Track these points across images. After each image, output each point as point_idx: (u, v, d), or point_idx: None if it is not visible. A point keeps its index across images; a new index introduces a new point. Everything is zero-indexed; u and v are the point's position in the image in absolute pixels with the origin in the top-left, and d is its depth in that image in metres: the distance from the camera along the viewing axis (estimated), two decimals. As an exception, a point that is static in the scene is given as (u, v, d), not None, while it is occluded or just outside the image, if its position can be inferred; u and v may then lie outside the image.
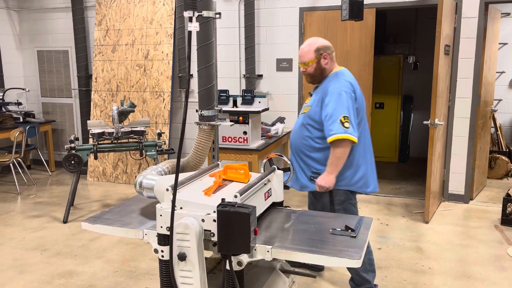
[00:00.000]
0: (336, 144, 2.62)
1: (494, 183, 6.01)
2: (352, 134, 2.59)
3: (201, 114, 2.61)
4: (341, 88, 2.67)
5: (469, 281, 3.35)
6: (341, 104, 2.63)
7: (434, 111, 4.36)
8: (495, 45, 5.58)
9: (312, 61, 2.78)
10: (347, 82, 2.72)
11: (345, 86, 2.69)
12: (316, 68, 2.80)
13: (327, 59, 2.80)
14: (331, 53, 2.83)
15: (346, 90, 2.67)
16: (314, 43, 2.80)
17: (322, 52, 2.78)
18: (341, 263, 1.74)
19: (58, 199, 5.46)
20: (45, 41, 6.87)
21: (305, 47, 2.82)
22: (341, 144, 2.60)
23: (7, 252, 3.94)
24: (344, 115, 2.60)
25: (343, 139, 2.59)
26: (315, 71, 2.81)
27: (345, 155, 2.65)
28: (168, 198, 1.85)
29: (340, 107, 2.62)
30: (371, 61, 5.32)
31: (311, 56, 2.77)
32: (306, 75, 2.88)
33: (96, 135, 4.65)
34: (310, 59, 2.78)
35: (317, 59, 2.78)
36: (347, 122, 2.59)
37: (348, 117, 2.61)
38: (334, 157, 2.64)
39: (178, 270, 1.82)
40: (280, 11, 5.63)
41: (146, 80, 6.06)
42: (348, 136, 2.58)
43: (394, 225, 4.51)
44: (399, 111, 7.26)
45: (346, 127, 2.58)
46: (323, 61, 2.79)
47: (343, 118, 2.60)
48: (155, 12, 6.01)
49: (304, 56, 2.80)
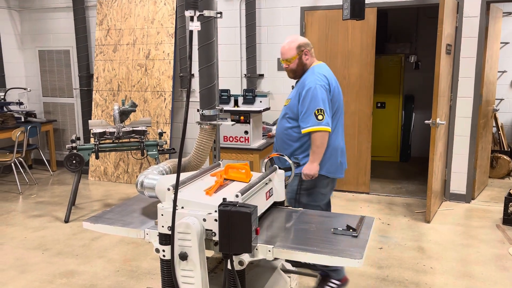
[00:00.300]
0: (314, 135, 2.83)
1: (496, 182, 6.00)
2: (325, 125, 2.81)
3: (202, 113, 2.61)
4: (316, 82, 2.87)
5: (470, 280, 3.34)
6: (315, 98, 2.83)
7: (435, 111, 4.36)
8: (496, 44, 5.57)
9: (294, 57, 2.97)
10: (321, 75, 2.91)
11: (319, 79, 2.88)
12: (298, 64, 2.99)
13: (308, 55, 3.00)
14: (311, 49, 3.03)
15: (321, 84, 2.86)
16: (295, 41, 3.00)
17: (303, 48, 2.98)
18: (343, 262, 1.74)
19: (60, 199, 5.46)
20: (47, 40, 6.88)
21: (286, 44, 3.01)
22: (318, 134, 2.82)
23: (8, 252, 3.95)
24: (318, 108, 2.81)
25: (318, 130, 2.81)
26: (297, 67, 3.00)
27: (324, 144, 2.85)
28: (170, 198, 1.85)
29: (314, 100, 2.82)
30: (373, 60, 5.32)
31: (293, 53, 2.97)
32: (288, 71, 3.06)
33: (98, 135, 4.65)
34: (292, 56, 2.97)
35: (298, 55, 2.97)
36: (321, 115, 2.81)
37: (323, 109, 2.82)
38: (314, 146, 2.86)
39: (180, 269, 1.82)
40: (281, 11, 5.63)
41: (147, 80, 6.06)
42: (320, 127, 2.80)
43: (396, 224, 4.51)
44: (400, 111, 7.25)
45: (320, 120, 2.80)
46: (304, 57, 2.99)
47: (317, 111, 2.81)
48: (156, 11, 6.01)
49: (287, 53, 2.99)
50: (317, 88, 2.84)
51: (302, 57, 2.97)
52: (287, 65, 3.01)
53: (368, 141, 5.48)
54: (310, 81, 2.88)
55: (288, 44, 2.99)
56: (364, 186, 5.58)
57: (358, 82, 5.39)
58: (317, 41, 5.49)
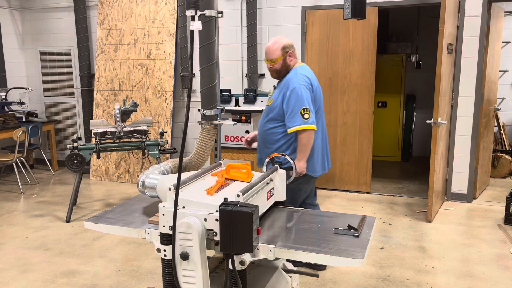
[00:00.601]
0: (300, 134, 2.91)
1: (497, 182, 6.00)
2: (311, 124, 2.90)
3: (203, 113, 2.61)
4: (300, 83, 2.94)
5: (472, 280, 3.33)
6: (300, 98, 2.90)
7: (437, 110, 4.35)
8: (498, 44, 5.56)
9: (279, 58, 3.02)
10: (304, 76, 2.99)
11: (303, 80, 2.96)
12: (282, 65, 3.05)
13: (292, 57, 3.07)
14: (294, 50, 3.10)
15: (304, 84, 2.95)
16: (280, 42, 3.05)
17: (288, 50, 3.04)
18: (344, 262, 1.73)
19: (61, 199, 5.47)
20: (48, 40, 6.88)
21: (272, 45, 3.05)
22: (304, 132, 2.90)
23: (10, 252, 3.95)
24: (304, 107, 2.89)
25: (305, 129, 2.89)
26: (281, 68, 3.06)
27: (311, 142, 2.94)
28: (171, 198, 1.85)
29: (299, 100, 2.90)
30: (374, 60, 5.31)
31: (278, 53, 3.02)
32: (272, 71, 3.10)
33: (99, 135, 4.66)
34: (277, 57, 3.02)
35: (283, 56, 3.03)
36: (307, 114, 2.90)
37: (308, 109, 2.90)
38: (301, 145, 2.93)
39: (181, 269, 1.82)
40: (283, 10, 5.62)
41: (149, 80, 6.06)
42: (307, 126, 2.89)
43: (397, 224, 4.50)
44: (401, 110, 7.25)
45: (306, 118, 2.89)
46: (288, 59, 3.05)
47: (303, 110, 2.90)
48: (157, 11, 6.01)
49: (272, 54, 3.03)
50: (301, 88, 2.92)
51: (286, 58, 3.04)
52: (271, 66, 3.06)
53: (369, 140, 5.48)
54: (294, 81, 2.96)
55: (273, 45, 3.04)
56: (365, 185, 5.58)
57: (359, 81, 5.39)
58: (318, 41, 5.49)
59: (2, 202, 5.36)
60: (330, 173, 5.69)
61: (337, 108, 5.53)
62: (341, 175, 5.65)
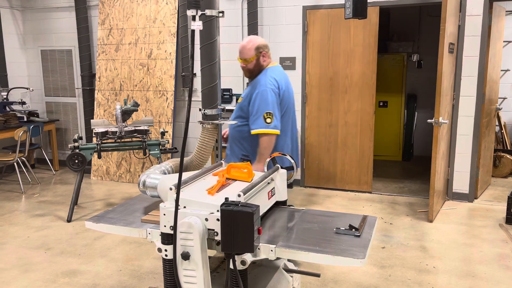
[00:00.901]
0: (261, 137, 2.89)
1: (499, 181, 5.99)
2: (273, 128, 2.88)
3: (204, 113, 2.61)
4: (267, 85, 2.93)
5: (473, 280, 3.33)
6: (265, 101, 2.89)
7: (438, 110, 4.34)
8: (499, 43, 5.55)
9: (253, 58, 3.00)
10: (272, 79, 2.96)
11: (270, 83, 2.94)
12: (255, 65, 3.03)
13: (265, 57, 3.05)
14: (268, 51, 3.07)
15: (271, 87, 2.92)
16: (255, 41, 3.02)
17: (262, 50, 3.02)
18: (345, 262, 1.73)
19: (62, 198, 5.47)
20: (49, 40, 6.89)
21: (246, 44, 3.02)
22: (265, 136, 2.88)
23: (11, 251, 3.96)
24: (267, 111, 2.87)
25: (265, 133, 2.88)
26: (254, 67, 3.03)
27: (271, 146, 2.91)
28: (172, 197, 1.85)
29: (264, 103, 2.89)
30: (375, 59, 5.31)
31: (252, 53, 3.00)
32: (245, 71, 3.10)
33: (100, 134, 4.66)
34: (251, 56, 3.00)
35: (257, 56, 3.01)
36: (269, 118, 2.88)
37: (272, 113, 2.89)
38: (261, 148, 2.90)
39: (182, 269, 1.82)
40: (284, 10, 5.62)
41: (150, 79, 6.06)
42: (268, 130, 2.87)
43: (398, 224, 4.50)
44: (403, 110, 7.24)
45: (268, 123, 2.87)
46: (262, 59, 3.03)
47: (266, 114, 2.87)
48: (158, 11, 6.01)
49: (246, 53, 3.02)
50: (267, 92, 2.90)
51: (259, 58, 3.01)
52: (245, 65, 3.05)
53: (371, 140, 5.47)
54: (261, 84, 2.95)
55: (247, 44, 3.03)
56: (366, 185, 5.57)
57: (360, 81, 5.38)
58: (319, 40, 5.49)
59: (4, 202, 5.37)
60: (331, 173, 5.69)
61: (338, 108, 5.53)
62: (342, 175, 5.65)
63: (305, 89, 5.64)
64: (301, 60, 5.61)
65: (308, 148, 5.74)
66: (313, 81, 5.59)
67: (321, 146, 5.69)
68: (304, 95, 5.65)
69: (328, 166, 5.70)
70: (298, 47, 5.59)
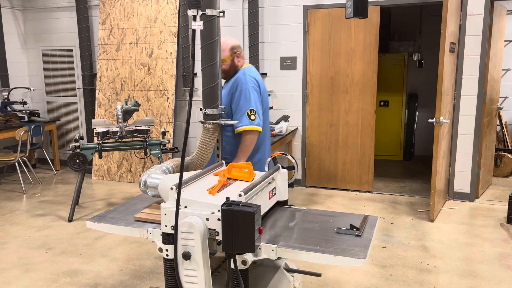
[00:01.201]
0: (245, 134, 2.90)
1: (500, 181, 5.98)
2: (257, 125, 2.92)
3: (205, 112, 2.61)
4: (248, 84, 2.94)
5: (475, 279, 3.33)
6: (248, 99, 2.91)
7: (439, 109, 4.34)
8: (500, 43, 5.55)
9: (228, 58, 3.02)
10: (252, 78, 2.99)
11: (251, 82, 2.97)
12: (230, 66, 3.04)
13: (240, 57, 3.07)
14: (241, 51, 3.11)
15: (253, 86, 2.96)
16: (228, 42, 3.04)
17: (236, 50, 3.05)
18: (346, 262, 1.73)
19: (63, 198, 5.48)
20: (50, 40, 6.89)
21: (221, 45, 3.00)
22: (249, 133, 2.90)
23: (12, 251, 3.96)
24: (251, 109, 2.90)
25: (250, 130, 2.90)
26: (229, 68, 3.04)
27: (253, 143, 2.94)
28: (173, 197, 1.85)
29: (247, 102, 2.90)
30: (376, 59, 5.30)
31: (227, 54, 3.01)
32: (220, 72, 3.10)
33: (101, 134, 4.66)
34: (226, 57, 3.01)
35: (232, 57, 3.03)
36: (253, 115, 2.91)
37: (255, 110, 2.92)
38: (244, 145, 2.91)
39: (183, 269, 1.82)
40: (284, 9, 5.62)
41: (150, 79, 6.07)
42: (253, 127, 2.90)
43: (399, 223, 4.50)
44: (404, 109, 7.23)
45: (252, 120, 2.90)
46: (236, 59, 3.05)
47: (250, 112, 2.90)
48: (159, 10, 6.01)
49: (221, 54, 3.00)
50: (249, 90, 2.93)
51: (234, 59, 3.04)
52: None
53: (372, 139, 5.47)
54: (243, 83, 2.96)
55: (222, 45, 3.01)
56: (367, 184, 5.57)
57: (361, 80, 5.38)
58: (320, 40, 5.49)
59: (5, 202, 5.38)
60: (332, 173, 5.69)
61: (339, 107, 5.52)
62: (343, 174, 5.65)
63: (306, 88, 5.64)
64: (302, 60, 5.61)
65: (309, 147, 5.74)
66: (314, 80, 5.59)
67: (322, 146, 5.69)
68: (305, 94, 5.65)
69: (329, 166, 5.70)
70: (299, 47, 5.59)
